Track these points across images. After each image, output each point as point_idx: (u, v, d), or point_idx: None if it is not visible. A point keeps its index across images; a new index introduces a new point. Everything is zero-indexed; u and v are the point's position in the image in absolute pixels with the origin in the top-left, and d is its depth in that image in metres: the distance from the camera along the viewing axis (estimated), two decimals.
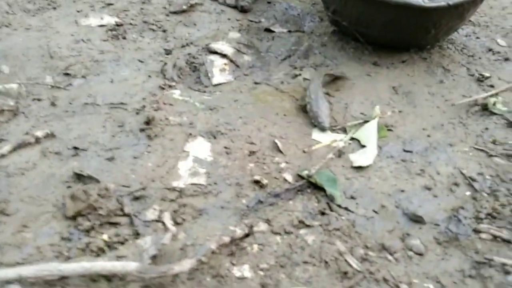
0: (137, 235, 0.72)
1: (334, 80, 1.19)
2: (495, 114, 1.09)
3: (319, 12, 1.58)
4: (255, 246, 0.72)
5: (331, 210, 0.80)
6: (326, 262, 0.70)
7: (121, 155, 0.89)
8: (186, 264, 0.63)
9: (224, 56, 1.31)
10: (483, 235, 0.76)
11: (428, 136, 1.01)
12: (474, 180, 0.88)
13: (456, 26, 1.31)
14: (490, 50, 1.41)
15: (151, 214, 0.76)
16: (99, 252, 0.69)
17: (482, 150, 0.97)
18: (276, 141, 0.97)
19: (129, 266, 0.61)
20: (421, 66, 1.28)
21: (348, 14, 1.30)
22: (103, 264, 0.61)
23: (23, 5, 1.56)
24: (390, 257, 0.72)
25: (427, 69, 1.27)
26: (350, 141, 0.99)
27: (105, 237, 0.71)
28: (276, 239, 0.74)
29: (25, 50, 1.28)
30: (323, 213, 0.79)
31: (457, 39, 1.47)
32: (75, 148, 0.90)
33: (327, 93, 1.16)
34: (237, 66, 1.29)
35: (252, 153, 0.93)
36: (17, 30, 1.39)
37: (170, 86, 1.14)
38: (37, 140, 0.91)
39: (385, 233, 0.76)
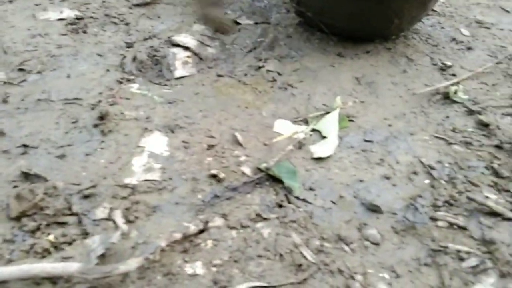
0: (85, 234, 0.69)
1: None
2: (456, 102, 1.09)
3: (285, 4, 1.56)
4: (210, 242, 0.71)
5: (289, 202, 0.79)
6: (281, 255, 0.69)
7: (73, 152, 0.86)
8: (132, 263, 0.61)
9: (187, 48, 1.28)
10: (440, 223, 0.76)
11: (389, 125, 1.01)
12: (432, 168, 0.88)
13: (419, 15, 1.31)
14: (453, 39, 1.42)
15: (100, 213, 0.73)
16: (44, 254, 0.66)
17: (442, 138, 0.97)
18: (237, 134, 0.95)
19: (71, 267, 0.58)
20: (385, 56, 1.28)
21: (313, 5, 1.28)
22: (43, 266, 0.58)
23: None
24: (346, 248, 0.71)
25: (391, 59, 1.27)
26: (311, 133, 0.97)
27: (51, 237, 0.68)
28: (231, 234, 0.72)
29: None
30: (280, 206, 0.78)
31: (422, 29, 1.47)
32: (25, 146, 0.86)
33: (290, 84, 1.15)
34: (201, 58, 1.26)
35: (211, 147, 0.91)
36: None
37: (128, 80, 1.11)
38: None
39: (342, 224, 0.76)
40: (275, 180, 0.83)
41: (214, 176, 0.82)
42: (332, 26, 1.30)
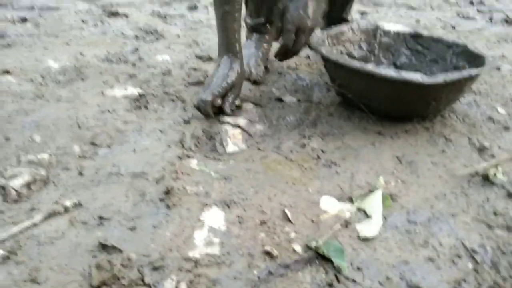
0: None
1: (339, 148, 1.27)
2: (496, 184, 1.14)
3: (326, 83, 1.69)
4: None
5: (339, 281, 0.85)
6: None
7: (142, 225, 0.96)
8: None
9: (237, 125, 1.41)
10: None
11: (431, 206, 1.06)
12: (475, 252, 0.92)
13: (456, 98, 1.40)
14: (490, 118, 1.49)
15: (169, 284, 0.81)
16: None
17: (483, 221, 1.01)
18: (286, 210, 1.03)
19: None
20: (424, 136, 1.36)
21: (352, 88, 1.40)
22: None
23: (55, 77, 1.72)
24: None
25: (430, 138, 1.34)
26: (356, 211, 1.04)
27: None
28: None
29: (55, 120, 1.40)
30: (330, 285, 0.83)
31: (459, 108, 1.55)
32: (100, 217, 0.97)
33: (333, 162, 1.23)
34: (250, 135, 1.38)
35: (263, 222, 0.99)
36: (49, 101, 1.53)
37: (187, 156, 1.23)
38: (66, 209, 0.99)
39: None
40: (324, 258, 0.90)
41: (267, 252, 0.89)
42: (372, 107, 1.41)
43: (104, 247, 0.88)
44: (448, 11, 3.01)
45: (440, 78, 1.24)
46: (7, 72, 1.73)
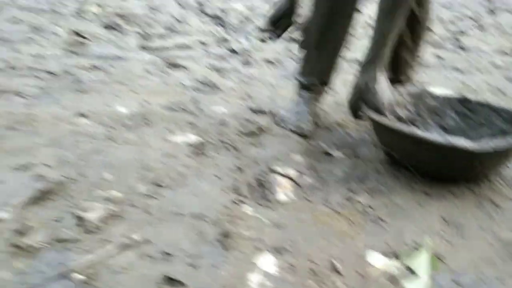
0: None
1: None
2: None
3: (373, 141, 1.77)
4: None
5: None
6: None
7: (202, 263, 1.05)
8: None
9: (287, 175, 1.50)
10: None
11: (478, 269, 1.08)
12: None
13: (502, 164, 1.43)
14: None
15: None
16: None
17: None
18: (334, 261, 1.08)
19: None
20: (471, 199, 1.39)
21: (399, 149, 1.47)
22: None
23: (123, 121, 1.91)
24: None
25: (476, 202, 1.37)
26: (403, 269, 1.08)
27: None
28: None
29: (124, 161, 1.55)
30: None
31: (507, 173, 1.57)
32: (165, 253, 1.07)
33: (380, 218, 1.29)
34: (299, 186, 1.47)
35: (312, 271, 1.05)
36: (118, 144, 1.69)
37: (241, 201, 1.33)
38: (135, 243, 1.10)
39: None
40: None
41: None
42: (418, 168, 1.46)
43: (169, 280, 0.97)
44: (496, 74, 3.05)
45: (487, 145, 1.29)
46: (82, 115, 1.94)
